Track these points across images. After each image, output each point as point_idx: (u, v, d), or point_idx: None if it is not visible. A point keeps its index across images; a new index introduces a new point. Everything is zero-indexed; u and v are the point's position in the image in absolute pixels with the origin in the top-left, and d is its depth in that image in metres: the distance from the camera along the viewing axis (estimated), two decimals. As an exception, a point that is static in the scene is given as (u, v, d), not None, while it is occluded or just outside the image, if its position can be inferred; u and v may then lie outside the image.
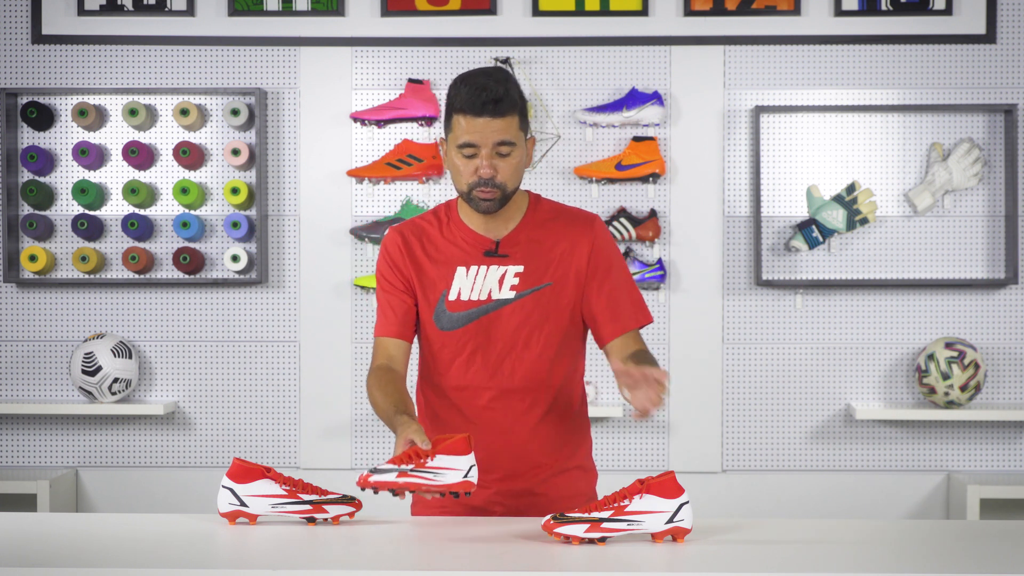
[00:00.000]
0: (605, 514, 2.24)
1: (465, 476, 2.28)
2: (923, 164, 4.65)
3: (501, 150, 2.49)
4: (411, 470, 2.26)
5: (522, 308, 2.55)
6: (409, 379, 2.69)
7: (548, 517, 2.27)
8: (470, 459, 2.29)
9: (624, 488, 2.29)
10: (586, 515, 2.24)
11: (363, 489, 2.27)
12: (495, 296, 2.56)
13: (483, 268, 2.57)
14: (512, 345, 2.55)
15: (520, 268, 2.57)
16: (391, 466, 2.26)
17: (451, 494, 2.28)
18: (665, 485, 2.26)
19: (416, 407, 2.64)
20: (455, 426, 2.58)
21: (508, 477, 2.57)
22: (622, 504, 2.25)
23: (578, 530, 2.23)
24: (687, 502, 2.27)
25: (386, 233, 2.65)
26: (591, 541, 2.24)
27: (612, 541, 2.26)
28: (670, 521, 2.26)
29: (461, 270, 2.57)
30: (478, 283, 2.57)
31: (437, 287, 2.58)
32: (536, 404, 2.57)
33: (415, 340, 2.67)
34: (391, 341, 2.62)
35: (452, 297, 2.56)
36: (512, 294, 2.56)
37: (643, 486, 2.26)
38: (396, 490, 2.27)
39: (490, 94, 2.46)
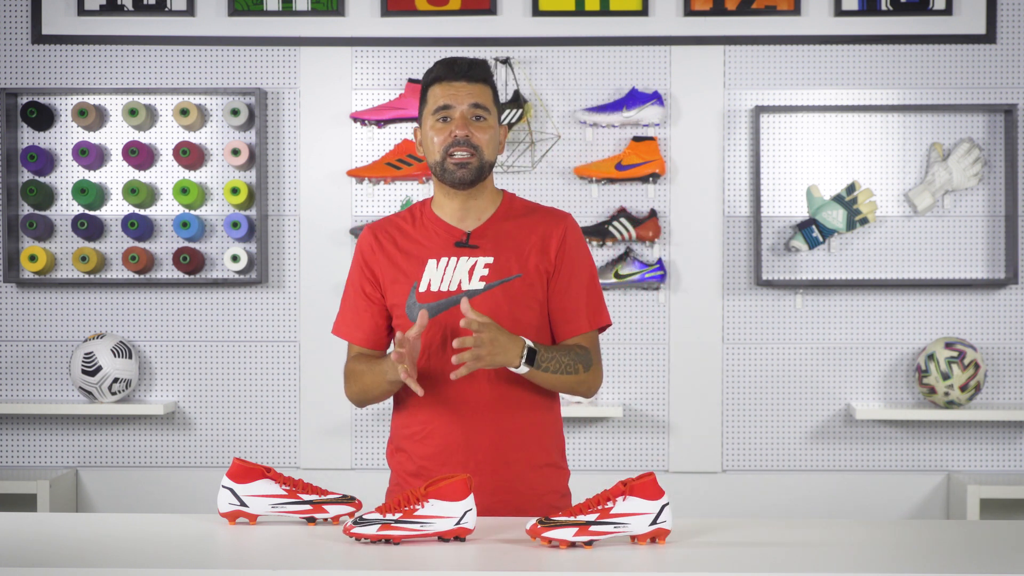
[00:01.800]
0: (591, 517, 2.23)
1: (459, 523, 2.25)
2: (923, 164, 4.65)
3: (476, 112, 2.56)
4: (396, 521, 2.24)
5: (491, 299, 2.55)
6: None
7: (534, 521, 2.26)
8: (466, 504, 2.25)
9: (607, 490, 2.28)
10: (572, 519, 2.23)
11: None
12: (464, 287, 2.57)
13: (453, 259, 2.59)
14: None
15: (490, 259, 2.58)
16: (376, 516, 2.25)
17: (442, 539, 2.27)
18: (647, 487, 2.26)
19: (393, 397, 2.66)
20: (422, 419, 2.58)
21: (479, 472, 2.54)
22: (606, 506, 2.24)
23: (566, 534, 2.22)
24: (668, 503, 2.27)
25: (362, 231, 2.68)
26: (578, 545, 2.24)
27: (597, 544, 2.26)
28: (653, 523, 2.26)
29: (432, 262, 2.59)
30: (448, 274, 2.58)
31: (409, 279, 2.59)
32: (504, 396, 2.57)
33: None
34: (360, 349, 2.67)
35: (423, 288, 2.58)
36: (481, 285, 2.56)
37: (626, 488, 2.26)
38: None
39: (464, 61, 2.59)
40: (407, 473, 2.62)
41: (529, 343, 2.48)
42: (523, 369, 2.48)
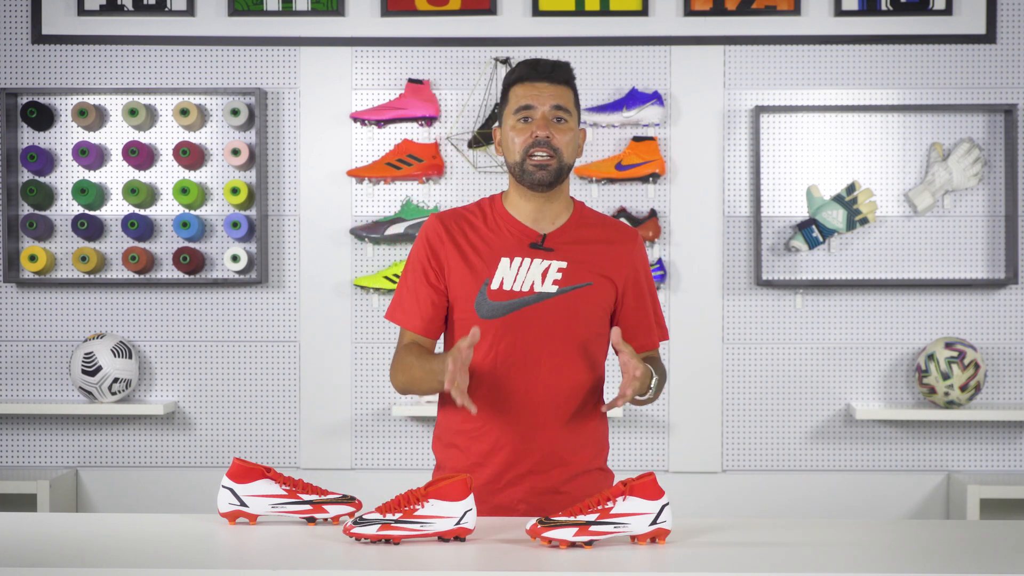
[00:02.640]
0: (591, 517, 2.23)
1: (459, 523, 2.25)
2: (923, 164, 4.65)
3: (558, 114, 2.55)
4: (396, 521, 2.24)
5: (562, 304, 2.56)
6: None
7: (534, 521, 2.26)
8: (466, 503, 2.26)
9: (607, 490, 2.28)
10: (572, 519, 2.23)
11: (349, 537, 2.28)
12: (537, 289, 2.56)
13: (527, 260, 2.58)
14: (548, 339, 2.55)
15: (564, 264, 2.57)
16: (376, 516, 2.25)
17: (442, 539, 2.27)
18: (647, 487, 2.26)
19: (440, 394, 2.65)
20: (481, 415, 2.56)
21: (534, 472, 2.57)
22: (606, 506, 2.24)
23: (567, 534, 2.22)
24: (668, 503, 2.27)
25: (428, 219, 2.65)
26: (579, 545, 2.24)
27: (597, 544, 2.26)
28: (653, 523, 2.26)
29: (505, 260, 2.57)
30: (521, 274, 2.56)
31: (480, 275, 2.57)
32: (566, 400, 2.58)
33: (443, 332, 2.69)
34: (414, 335, 2.64)
35: (495, 286, 2.56)
36: (554, 288, 2.56)
37: (626, 488, 2.26)
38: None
39: (548, 62, 2.58)
40: (463, 469, 2.61)
41: (652, 374, 2.56)
42: (649, 395, 2.57)
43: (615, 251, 2.62)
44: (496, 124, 2.82)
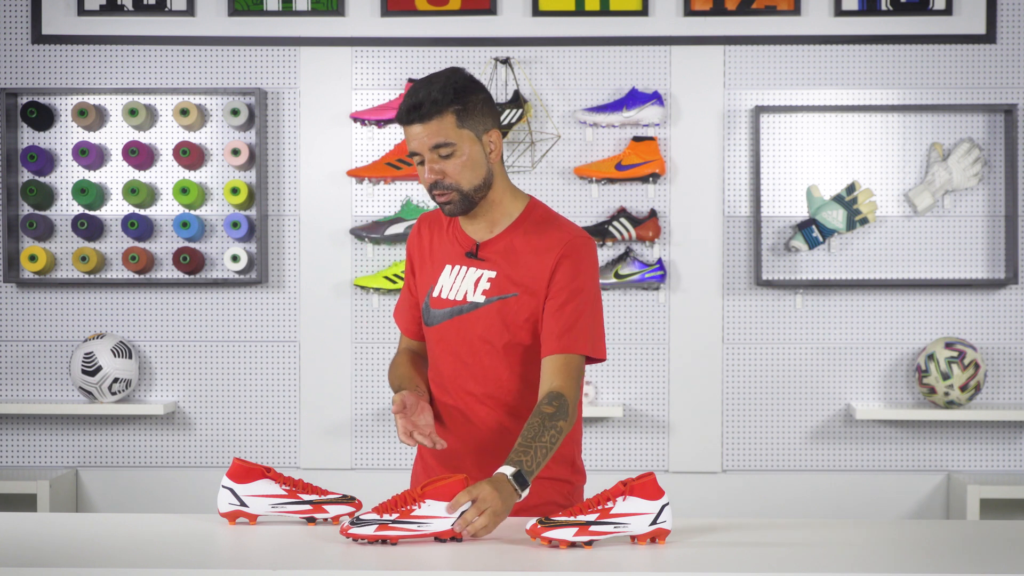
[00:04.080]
0: (591, 517, 2.23)
1: (455, 523, 2.26)
2: (923, 164, 4.65)
3: (440, 152, 2.47)
4: (393, 521, 2.24)
5: (487, 314, 2.54)
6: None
7: (534, 521, 2.25)
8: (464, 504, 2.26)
9: (607, 490, 2.27)
10: (572, 519, 2.23)
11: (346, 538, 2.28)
12: (469, 298, 2.56)
13: (463, 269, 2.58)
14: (475, 349, 2.55)
15: (493, 274, 2.55)
16: (373, 516, 2.25)
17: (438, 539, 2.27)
18: (647, 487, 2.25)
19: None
20: (438, 428, 2.60)
21: (473, 479, 2.54)
22: (607, 506, 2.24)
23: (566, 534, 2.21)
24: (668, 503, 2.26)
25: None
26: (578, 545, 2.23)
27: (597, 544, 2.26)
28: (653, 523, 2.25)
29: (447, 268, 2.59)
30: (457, 283, 2.58)
31: (429, 281, 2.62)
32: (496, 410, 2.55)
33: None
34: (410, 340, 2.72)
35: (435, 294, 2.59)
36: (482, 298, 2.55)
37: (626, 488, 2.25)
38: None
39: (412, 100, 2.45)
40: (423, 479, 2.62)
41: (507, 471, 2.30)
42: (525, 492, 2.33)
43: (540, 260, 2.52)
44: None
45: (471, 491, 2.25)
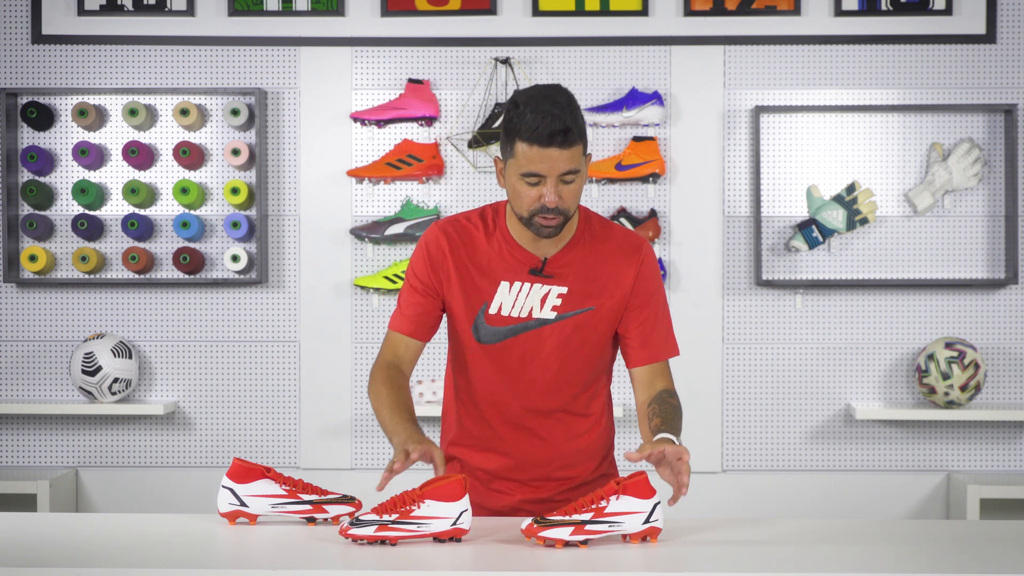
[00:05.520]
0: (585, 516, 2.24)
1: (455, 523, 2.25)
2: (923, 164, 4.65)
3: (566, 179, 2.41)
4: (393, 522, 2.24)
5: (561, 330, 2.52)
6: (414, 376, 2.68)
7: (529, 521, 2.26)
8: (462, 504, 2.26)
9: (600, 489, 2.29)
10: (567, 518, 2.24)
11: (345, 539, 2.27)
12: (536, 315, 2.52)
13: (527, 285, 2.52)
14: (547, 366, 2.53)
15: (564, 289, 2.52)
16: (373, 516, 2.25)
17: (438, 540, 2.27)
18: (640, 486, 2.27)
19: (444, 397, 2.67)
20: (480, 435, 2.58)
21: (529, 487, 2.58)
22: (600, 505, 2.25)
23: (563, 534, 2.22)
24: (659, 502, 2.28)
25: (429, 227, 2.58)
26: (573, 544, 2.24)
27: (592, 543, 2.26)
28: (646, 521, 2.27)
29: (504, 284, 2.52)
30: (520, 300, 2.52)
31: (479, 297, 2.53)
32: (566, 425, 2.57)
33: (434, 337, 2.67)
34: (401, 338, 2.59)
35: (492, 311, 2.52)
36: (553, 315, 2.52)
37: (619, 487, 2.27)
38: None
39: (558, 124, 2.36)
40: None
41: (671, 436, 2.40)
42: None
43: (618, 268, 2.54)
44: (497, 155, 2.69)
45: (677, 449, 2.32)
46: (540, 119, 2.36)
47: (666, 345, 2.58)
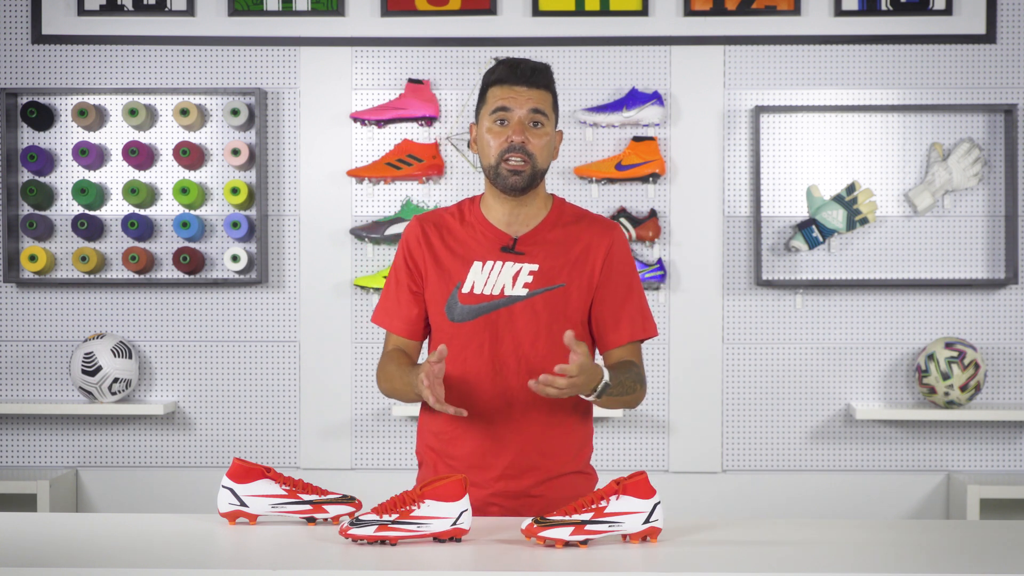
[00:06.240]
0: (586, 516, 2.24)
1: (455, 523, 2.25)
2: (923, 164, 4.65)
3: (535, 118, 2.54)
4: (393, 522, 2.24)
5: (532, 307, 2.55)
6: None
7: (529, 521, 2.26)
8: (462, 504, 2.26)
9: (600, 489, 2.29)
10: (568, 518, 2.24)
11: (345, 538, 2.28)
12: (507, 292, 2.56)
13: (499, 264, 2.58)
14: (519, 343, 2.56)
15: (535, 267, 2.57)
16: (373, 516, 2.25)
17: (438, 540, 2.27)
18: (640, 486, 2.27)
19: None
20: (456, 419, 2.58)
21: (505, 477, 2.57)
22: (600, 505, 2.25)
23: (563, 534, 2.23)
24: (659, 502, 2.28)
25: (409, 222, 2.67)
26: (573, 544, 2.24)
27: (592, 543, 2.26)
28: (646, 521, 2.27)
29: (477, 264, 2.58)
30: (492, 278, 2.57)
31: (452, 278, 2.59)
32: (538, 405, 2.57)
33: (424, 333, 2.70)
34: (398, 338, 2.67)
35: (466, 290, 2.57)
36: (524, 292, 2.56)
37: (619, 487, 2.27)
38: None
39: (527, 64, 2.56)
40: (440, 472, 2.62)
41: (607, 376, 2.45)
42: (591, 397, 2.46)
43: (589, 247, 2.60)
44: (473, 121, 2.81)
45: (590, 370, 2.37)
46: (513, 63, 2.56)
47: (640, 326, 2.63)
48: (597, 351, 2.66)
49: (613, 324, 2.60)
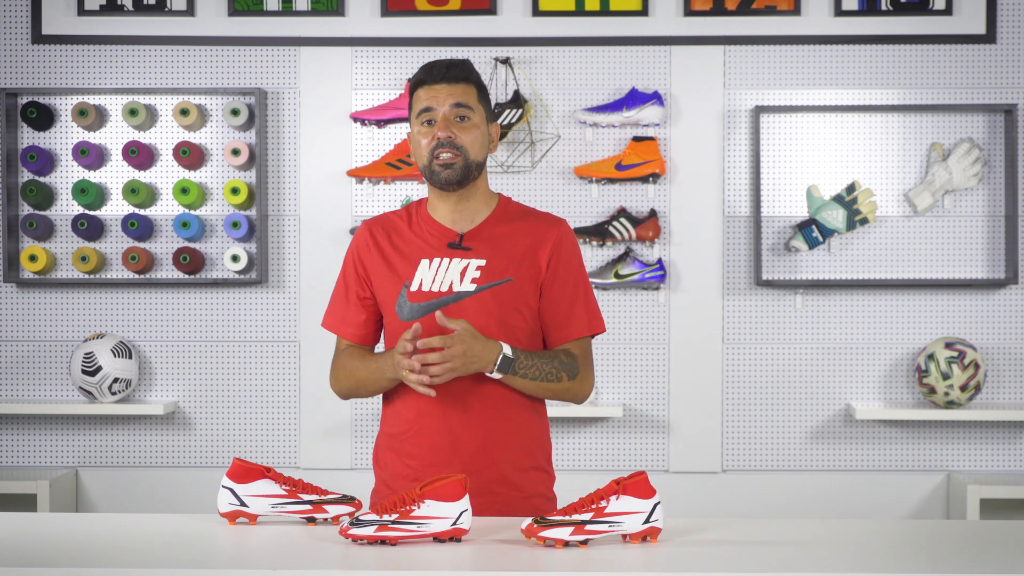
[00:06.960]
0: (586, 516, 2.24)
1: (455, 523, 2.25)
2: (923, 164, 4.65)
3: (459, 112, 2.57)
4: (392, 522, 2.24)
5: (481, 301, 2.56)
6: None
7: (529, 521, 2.26)
8: (462, 504, 2.26)
9: (600, 489, 2.29)
10: (568, 518, 2.24)
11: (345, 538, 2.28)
12: (456, 288, 2.57)
13: (446, 260, 2.60)
14: None
15: (482, 262, 2.59)
16: (372, 516, 2.25)
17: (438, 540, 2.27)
18: (640, 486, 2.27)
19: (382, 396, 2.69)
20: (412, 418, 2.59)
21: (464, 472, 2.54)
22: (600, 505, 2.25)
23: (562, 534, 2.23)
24: (659, 502, 2.28)
25: (359, 227, 2.69)
26: (574, 544, 2.24)
27: (592, 543, 2.26)
28: (646, 521, 2.27)
29: (424, 262, 2.60)
30: (440, 275, 2.59)
31: (401, 278, 2.60)
32: (491, 400, 2.57)
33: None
34: (348, 344, 2.71)
35: (414, 288, 2.58)
36: (472, 287, 2.57)
37: (619, 487, 2.27)
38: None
39: (443, 63, 2.60)
40: (397, 475, 2.61)
41: (507, 350, 2.49)
42: (496, 375, 2.50)
43: (536, 242, 2.61)
44: (408, 132, 2.84)
45: (468, 343, 2.44)
46: (431, 65, 2.61)
47: (586, 322, 2.64)
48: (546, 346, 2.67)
49: (562, 321, 2.62)
